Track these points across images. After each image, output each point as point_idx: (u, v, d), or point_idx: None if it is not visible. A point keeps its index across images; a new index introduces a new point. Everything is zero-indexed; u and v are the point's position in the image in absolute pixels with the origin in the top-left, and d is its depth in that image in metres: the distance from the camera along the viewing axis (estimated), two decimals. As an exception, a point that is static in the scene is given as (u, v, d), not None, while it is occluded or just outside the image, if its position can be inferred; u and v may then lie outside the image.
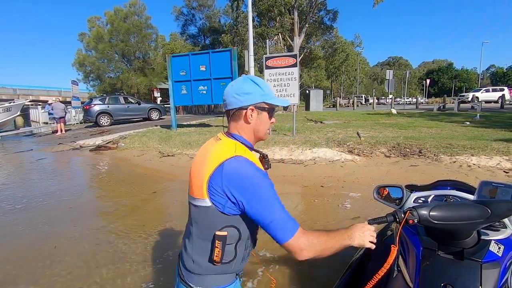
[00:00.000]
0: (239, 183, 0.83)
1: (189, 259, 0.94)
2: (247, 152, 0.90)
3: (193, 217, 0.94)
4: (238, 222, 0.89)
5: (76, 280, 2.27)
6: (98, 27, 22.68)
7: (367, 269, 1.26)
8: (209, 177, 0.86)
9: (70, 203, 4.09)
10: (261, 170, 0.88)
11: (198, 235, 0.92)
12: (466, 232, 0.90)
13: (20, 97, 31.41)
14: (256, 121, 0.96)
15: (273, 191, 0.85)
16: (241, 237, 0.90)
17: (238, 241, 0.90)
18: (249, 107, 0.93)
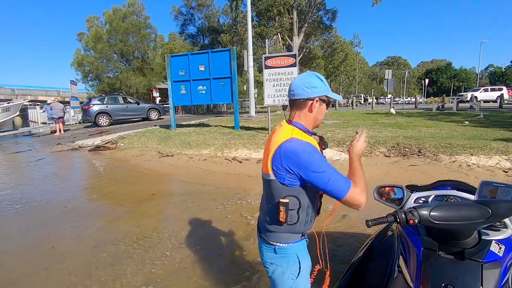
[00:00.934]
0: (294, 158, 1.03)
1: (265, 222, 1.18)
2: (303, 136, 1.09)
3: (265, 189, 1.18)
4: (298, 192, 1.08)
5: (76, 281, 2.26)
6: (97, 27, 22.65)
7: (368, 269, 1.26)
8: (272, 156, 1.08)
9: (67, 204, 4.07)
10: (312, 146, 1.06)
11: (268, 202, 1.16)
12: (466, 232, 0.90)
13: (18, 97, 31.32)
14: (317, 111, 1.15)
15: (323, 159, 1.04)
16: (301, 205, 1.09)
17: (299, 208, 1.09)
18: (315, 98, 1.13)
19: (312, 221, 1.17)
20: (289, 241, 1.14)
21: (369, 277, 1.21)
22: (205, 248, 2.70)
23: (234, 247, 2.71)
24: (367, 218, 0.92)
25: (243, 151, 6.42)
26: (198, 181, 4.96)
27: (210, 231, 3.05)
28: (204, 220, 3.34)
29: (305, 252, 1.19)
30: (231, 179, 4.98)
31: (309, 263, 1.21)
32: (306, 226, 1.14)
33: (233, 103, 9.34)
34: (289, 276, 1.15)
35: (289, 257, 1.15)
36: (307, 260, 1.20)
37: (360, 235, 2.73)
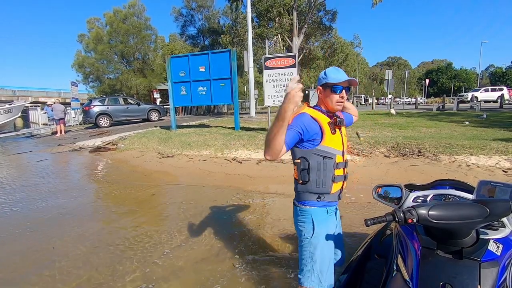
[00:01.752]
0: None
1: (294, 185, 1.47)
2: (315, 113, 1.38)
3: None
4: (306, 154, 1.36)
5: (76, 281, 2.27)
6: (97, 28, 22.68)
7: (366, 268, 1.26)
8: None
9: (67, 205, 4.08)
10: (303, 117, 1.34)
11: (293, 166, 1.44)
12: (465, 231, 0.90)
13: (19, 98, 31.37)
14: (324, 96, 1.43)
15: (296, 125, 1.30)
16: (309, 166, 1.35)
17: (308, 168, 1.35)
18: (318, 87, 1.46)
19: (327, 185, 1.36)
20: (306, 200, 1.40)
21: (368, 276, 1.21)
22: (204, 248, 2.70)
23: (235, 247, 2.71)
24: (366, 217, 0.92)
25: (243, 152, 6.43)
26: (198, 181, 4.97)
27: (210, 232, 3.05)
28: (204, 221, 3.35)
29: (323, 219, 1.39)
30: (231, 179, 4.98)
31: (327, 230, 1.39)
32: (319, 187, 1.36)
33: (233, 104, 9.35)
34: (305, 234, 1.40)
35: (306, 218, 1.40)
36: (325, 227, 1.39)
37: (358, 234, 2.73)
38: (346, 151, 1.46)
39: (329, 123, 1.37)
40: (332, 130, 1.36)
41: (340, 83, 1.37)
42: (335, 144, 1.38)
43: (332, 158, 1.36)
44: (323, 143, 1.34)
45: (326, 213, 1.41)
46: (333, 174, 1.37)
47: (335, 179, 1.38)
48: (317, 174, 1.35)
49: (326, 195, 1.39)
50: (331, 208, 1.44)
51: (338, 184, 1.41)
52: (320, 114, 1.38)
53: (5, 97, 33.62)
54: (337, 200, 1.47)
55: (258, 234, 2.91)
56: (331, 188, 1.38)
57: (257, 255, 2.54)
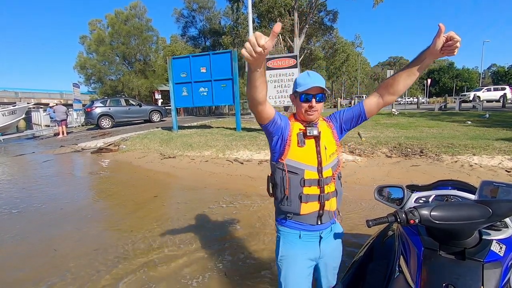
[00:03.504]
0: None
1: None
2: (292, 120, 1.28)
3: None
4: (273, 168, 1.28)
5: (77, 282, 2.28)
6: (99, 30, 22.77)
7: (368, 269, 1.26)
8: None
9: (68, 206, 4.10)
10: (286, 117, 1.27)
11: None
12: (467, 232, 0.89)
13: (22, 100, 31.57)
14: (295, 104, 1.29)
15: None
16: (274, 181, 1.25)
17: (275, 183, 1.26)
18: (290, 95, 1.33)
19: (293, 205, 1.20)
20: (278, 217, 1.29)
21: (370, 277, 1.21)
22: (206, 249, 2.70)
23: (234, 248, 2.71)
24: (368, 218, 0.92)
25: (245, 153, 6.43)
26: (200, 183, 4.97)
27: (211, 233, 3.05)
28: (205, 222, 3.35)
29: (292, 243, 1.23)
30: (232, 180, 4.98)
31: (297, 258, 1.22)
32: (284, 206, 1.22)
33: (235, 104, 9.36)
34: (276, 252, 1.29)
35: (277, 238, 1.30)
36: (293, 253, 1.22)
37: (360, 235, 2.72)
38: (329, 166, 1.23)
39: (298, 133, 1.22)
40: (299, 141, 1.20)
41: (307, 91, 1.19)
42: (303, 157, 1.20)
43: (298, 174, 1.19)
44: (289, 156, 1.20)
45: (299, 238, 1.22)
46: (301, 192, 1.19)
47: (303, 199, 1.19)
48: (280, 191, 1.22)
49: (294, 215, 1.21)
50: (309, 233, 1.22)
51: (310, 205, 1.20)
52: (295, 123, 1.26)
53: (8, 99, 33.84)
54: (317, 225, 1.22)
55: (259, 239, 2.91)
56: (300, 209, 1.19)
57: (261, 257, 2.54)
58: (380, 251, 1.31)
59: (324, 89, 1.21)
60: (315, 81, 1.19)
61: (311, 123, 1.25)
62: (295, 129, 1.23)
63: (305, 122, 1.25)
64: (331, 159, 1.25)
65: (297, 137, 1.21)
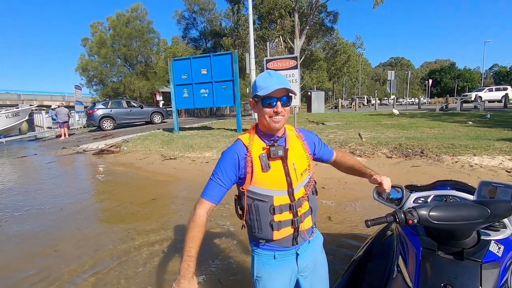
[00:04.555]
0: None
1: None
2: (251, 138, 1.10)
3: None
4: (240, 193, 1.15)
5: (77, 282, 2.29)
6: (100, 32, 22.92)
7: (367, 269, 1.26)
8: None
9: (69, 207, 4.12)
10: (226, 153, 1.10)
11: None
12: (466, 232, 0.90)
13: (24, 102, 31.75)
14: (257, 112, 1.09)
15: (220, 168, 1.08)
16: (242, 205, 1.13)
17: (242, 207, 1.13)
18: (250, 101, 1.12)
19: (264, 232, 1.08)
20: (250, 240, 1.19)
21: (369, 276, 1.21)
22: (205, 251, 2.71)
23: (234, 250, 2.71)
24: (367, 218, 0.92)
25: (246, 154, 6.43)
26: (201, 184, 4.93)
27: (211, 234, 3.06)
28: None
29: (267, 264, 1.13)
30: (233, 181, 4.98)
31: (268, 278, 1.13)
32: (256, 233, 1.10)
33: (235, 105, 9.37)
34: (252, 272, 1.19)
35: (252, 258, 1.19)
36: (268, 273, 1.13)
37: (359, 235, 2.72)
38: (301, 185, 1.12)
39: (260, 155, 1.05)
40: (263, 166, 1.04)
41: (271, 94, 1.01)
42: (270, 183, 1.06)
43: (266, 201, 1.06)
44: (253, 183, 1.05)
45: (273, 258, 1.11)
46: (271, 220, 1.06)
47: (275, 226, 1.06)
48: (251, 218, 1.10)
49: (268, 242, 1.11)
50: (283, 253, 1.12)
51: (282, 231, 1.08)
52: (256, 142, 1.08)
53: (10, 101, 34.05)
54: (292, 246, 1.12)
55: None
56: (272, 236, 1.07)
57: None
58: (378, 251, 1.31)
59: (290, 90, 1.04)
60: (279, 82, 1.02)
61: (274, 139, 1.09)
62: (256, 150, 1.06)
63: (268, 135, 1.09)
64: (303, 177, 1.12)
65: (260, 161, 1.04)
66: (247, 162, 1.05)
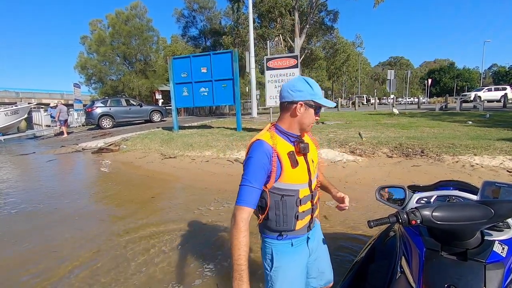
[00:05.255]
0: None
1: None
2: (274, 138, 1.13)
3: None
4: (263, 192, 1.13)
5: (77, 282, 2.28)
6: (99, 30, 22.80)
7: (370, 270, 1.25)
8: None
9: (68, 206, 4.10)
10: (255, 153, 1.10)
11: None
12: (469, 233, 0.89)
13: (23, 100, 31.64)
14: (303, 115, 1.14)
15: (254, 169, 1.08)
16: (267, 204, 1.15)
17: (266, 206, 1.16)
18: (299, 102, 1.12)
19: (289, 224, 1.16)
20: (266, 234, 1.23)
21: (372, 277, 1.20)
22: (205, 250, 2.70)
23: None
24: (369, 219, 0.91)
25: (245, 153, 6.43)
26: (201, 183, 4.97)
27: (211, 234, 3.05)
28: (204, 223, 3.35)
29: (285, 252, 1.20)
30: (233, 180, 4.98)
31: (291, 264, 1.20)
32: (280, 226, 1.17)
33: (235, 104, 9.36)
34: (265, 265, 1.24)
35: (267, 250, 1.23)
36: (287, 260, 1.20)
37: (362, 236, 2.72)
38: (315, 177, 1.25)
39: (289, 153, 1.13)
40: (292, 163, 1.12)
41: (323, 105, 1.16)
42: (298, 177, 1.15)
43: (294, 196, 1.14)
44: (281, 179, 1.12)
45: (291, 246, 1.21)
46: (296, 211, 1.16)
47: (299, 217, 1.18)
48: (276, 214, 1.16)
49: (289, 232, 1.19)
50: (298, 239, 1.24)
51: (304, 220, 1.21)
52: (280, 141, 1.14)
53: (9, 99, 33.92)
54: (306, 232, 1.25)
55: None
56: (295, 226, 1.18)
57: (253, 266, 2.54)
58: (381, 252, 1.31)
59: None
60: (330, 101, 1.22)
61: (298, 137, 1.19)
62: (283, 148, 1.13)
63: (291, 134, 1.17)
64: (316, 170, 1.26)
65: (289, 158, 1.12)
66: (274, 161, 1.09)
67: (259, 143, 1.12)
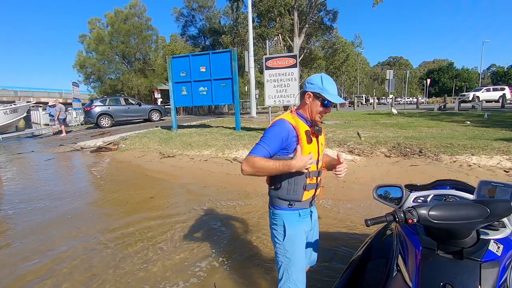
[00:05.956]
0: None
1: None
2: (294, 118, 1.37)
3: None
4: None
5: (77, 282, 2.28)
6: (98, 29, 22.72)
7: (367, 268, 1.26)
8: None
9: (67, 206, 4.10)
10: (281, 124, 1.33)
11: None
12: (465, 232, 0.90)
13: (21, 98, 31.52)
14: (311, 104, 1.39)
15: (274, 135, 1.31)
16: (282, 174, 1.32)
17: (281, 176, 1.36)
18: (307, 92, 1.38)
19: (298, 193, 1.38)
20: (277, 205, 1.43)
21: (368, 276, 1.21)
22: (203, 249, 2.71)
23: (229, 251, 2.71)
24: (366, 218, 0.92)
25: (244, 152, 6.43)
26: (199, 182, 4.97)
27: (209, 233, 3.06)
28: (202, 222, 3.35)
29: (295, 222, 1.41)
30: (232, 180, 4.98)
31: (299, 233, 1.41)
32: (290, 195, 1.39)
33: (234, 104, 9.35)
34: (277, 237, 1.44)
35: (278, 221, 1.43)
36: (297, 230, 1.41)
37: (359, 235, 2.73)
38: (321, 159, 1.48)
39: (306, 131, 1.36)
40: (308, 139, 1.35)
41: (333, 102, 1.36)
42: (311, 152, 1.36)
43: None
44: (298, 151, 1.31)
45: (299, 216, 1.43)
46: (305, 182, 1.39)
47: (307, 187, 1.40)
48: (289, 182, 1.38)
49: (297, 202, 1.41)
50: (305, 211, 1.46)
51: (309, 192, 1.43)
52: (299, 121, 1.38)
53: (7, 98, 33.77)
54: (309, 207, 1.48)
55: (257, 238, 2.91)
56: (302, 196, 1.40)
57: (258, 254, 2.54)
58: (378, 250, 1.31)
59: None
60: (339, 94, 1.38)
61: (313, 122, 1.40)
62: (302, 128, 1.35)
63: (309, 120, 1.40)
64: (322, 152, 1.50)
65: (305, 135, 1.34)
66: (294, 137, 1.32)
67: (283, 121, 1.35)
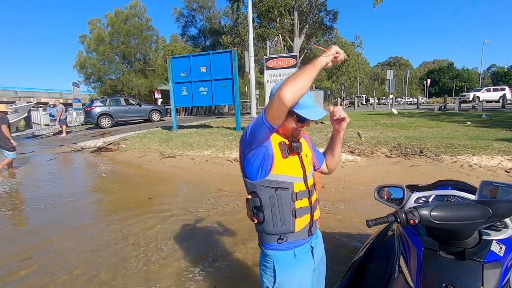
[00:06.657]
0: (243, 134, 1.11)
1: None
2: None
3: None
4: (256, 188, 1.10)
5: (77, 281, 2.28)
6: (99, 29, 22.75)
7: (368, 269, 1.26)
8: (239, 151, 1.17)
9: (66, 205, 4.10)
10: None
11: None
12: (467, 232, 0.89)
13: (21, 99, 31.52)
14: (284, 121, 1.07)
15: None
16: (262, 202, 1.10)
17: (261, 205, 1.10)
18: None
19: (287, 223, 1.10)
20: (266, 242, 1.14)
21: (370, 277, 1.21)
22: (203, 250, 2.70)
23: (230, 253, 2.70)
24: (368, 218, 0.92)
25: (245, 152, 6.42)
26: (200, 182, 4.97)
27: (208, 234, 3.05)
28: (202, 223, 3.35)
29: (289, 266, 1.12)
30: (232, 180, 4.98)
31: (294, 279, 1.12)
32: (277, 227, 1.09)
33: (235, 104, 9.35)
34: (266, 284, 1.15)
35: (268, 264, 1.14)
36: (291, 275, 1.11)
37: (360, 236, 2.72)
38: (311, 174, 1.20)
39: (281, 143, 1.10)
40: (283, 152, 1.09)
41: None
42: (290, 169, 1.11)
43: (288, 188, 1.09)
44: (273, 170, 1.07)
45: (293, 257, 1.12)
46: (293, 208, 1.10)
47: (297, 214, 1.10)
48: (272, 211, 1.09)
49: (289, 234, 1.11)
50: (302, 248, 1.15)
51: (303, 219, 1.13)
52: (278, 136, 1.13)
53: (7, 98, 33.75)
54: (308, 237, 1.16)
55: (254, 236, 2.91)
56: (294, 226, 1.10)
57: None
58: (380, 251, 1.31)
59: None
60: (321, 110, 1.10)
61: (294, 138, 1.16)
62: (276, 139, 1.11)
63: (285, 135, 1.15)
64: (311, 166, 1.22)
65: (280, 148, 1.09)
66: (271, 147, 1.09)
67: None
